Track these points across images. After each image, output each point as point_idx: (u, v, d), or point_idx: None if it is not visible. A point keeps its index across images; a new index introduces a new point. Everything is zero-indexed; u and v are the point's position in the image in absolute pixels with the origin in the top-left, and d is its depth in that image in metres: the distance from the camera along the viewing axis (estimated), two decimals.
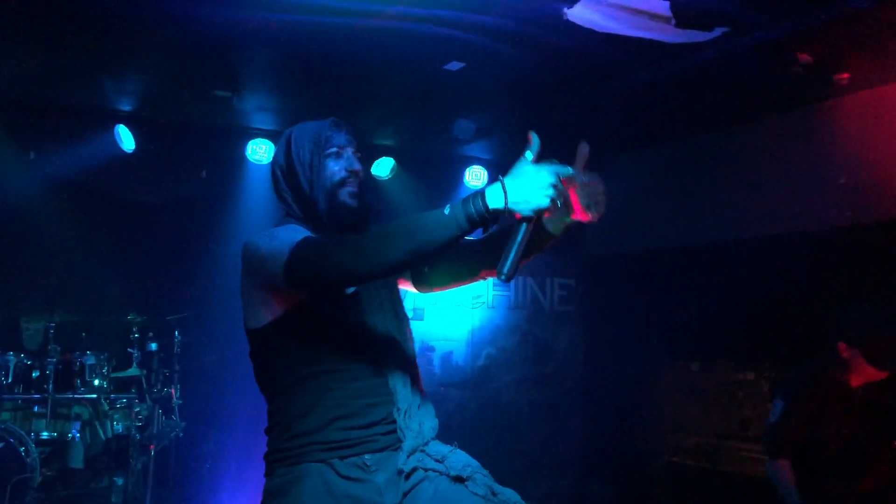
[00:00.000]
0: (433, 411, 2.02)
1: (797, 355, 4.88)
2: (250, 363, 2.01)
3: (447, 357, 5.94)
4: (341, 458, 1.82)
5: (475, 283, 2.03)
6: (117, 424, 5.06)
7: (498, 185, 1.61)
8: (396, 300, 2.04)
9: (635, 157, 6.28)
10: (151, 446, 4.85)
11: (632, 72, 4.49)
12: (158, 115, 5.48)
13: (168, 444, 5.21)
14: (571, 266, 6.40)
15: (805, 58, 3.81)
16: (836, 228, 4.74)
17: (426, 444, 1.93)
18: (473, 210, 1.60)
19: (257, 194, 5.95)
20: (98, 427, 5.06)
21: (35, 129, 5.24)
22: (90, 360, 4.97)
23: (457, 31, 3.82)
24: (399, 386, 1.90)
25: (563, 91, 4.83)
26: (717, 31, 3.74)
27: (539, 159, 1.66)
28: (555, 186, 1.61)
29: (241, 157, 5.77)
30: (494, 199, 1.60)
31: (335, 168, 1.95)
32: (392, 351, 1.93)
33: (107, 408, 5.05)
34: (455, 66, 4.35)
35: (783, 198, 5.08)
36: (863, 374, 3.00)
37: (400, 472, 1.86)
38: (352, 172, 1.95)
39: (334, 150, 1.96)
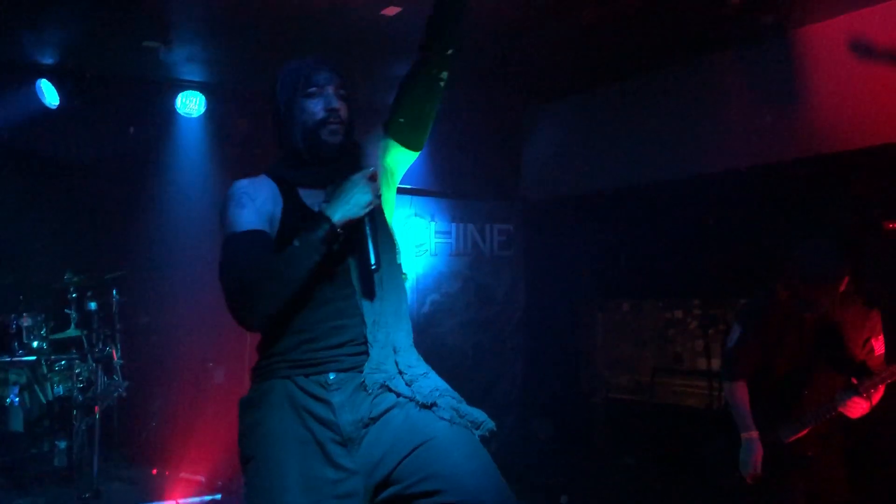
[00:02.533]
0: (408, 327, 2.05)
1: (726, 292, 5.11)
2: (194, 320, 2.04)
3: None
4: (306, 375, 1.90)
5: (437, 79, 2.12)
6: (58, 387, 4.99)
7: (327, 206, 1.89)
8: (379, 220, 2.04)
9: (569, 103, 6.33)
10: (96, 408, 4.79)
11: (565, 15, 4.51)
12: (83, 67, 5.27)
13: (112, 405, 5.16)
14: (510, 212, 6.47)
15: None
16: (762, 166, 4.87)
17: (397, 354, 1.96)
18: (321, 233, 1.84)
19: (190, 148, 5.84)
20: (38, 390, 4.97)
21: None
22: (27, 322, 4.86)
23: None
24: (367, 304, 1.95)
25: (499, 37, 4.82)
26: None
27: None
28: (369, 182, 1.90)
29: (172, 111, 5.64)
30: (332, 213, 1.86)
31: (315, 108, 1.98)
32: (368, 272, 1.96)
33: (46, 370, 4.96)
34: (392, 11, 4.31)
35: (712, 138, 5.20)
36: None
37: (363, 384, 1.90)
38: (331, 111, 1.98)
39: (313, 89, 1.99)
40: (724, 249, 4.94)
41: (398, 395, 1.91)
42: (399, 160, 2.16)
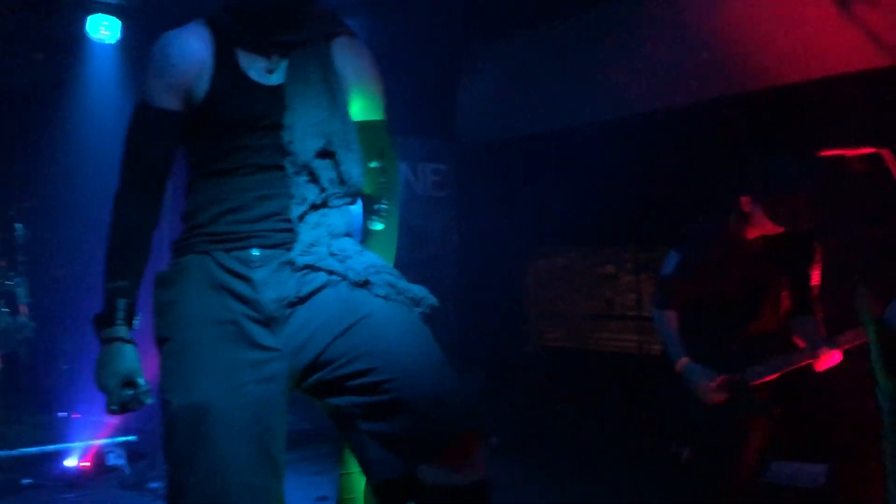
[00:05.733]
0: (349, 212, 1.86)
1: (658, 238, 5.05)
2: (103, 252, 1.83)
3: None
4: (226, 250, 1.72)
5: None
6: None
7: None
8: (333, 100, 1.83)
9: (508, 43, 6.16)
10: None
11: None
12: None
13: (17, 347, 4.86)
14: (443, 152, 6.28)
15: None
16: (698, 103, 4.81)
17: (332, 239, 1.78)
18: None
19: (103, 78, 5.47)
20: None
21: None
22: None
23: None
24: (302, 179, 1.76)
25: None
26: None
27: None
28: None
29: (83, 36, 5.24)
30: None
31: None
32: (307, 150, 1.76)
33: None
34: None
35: (648, 77, 5.09)
36: (760, 229, 3.01)
37: (291, 263, 1.72)
38: None
39: None
40: (655, 192, 4.88)
41: (329, 272, 1.73)
42: None
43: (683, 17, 4.87)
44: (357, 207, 1.93)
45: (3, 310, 4.66)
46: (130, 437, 4.47)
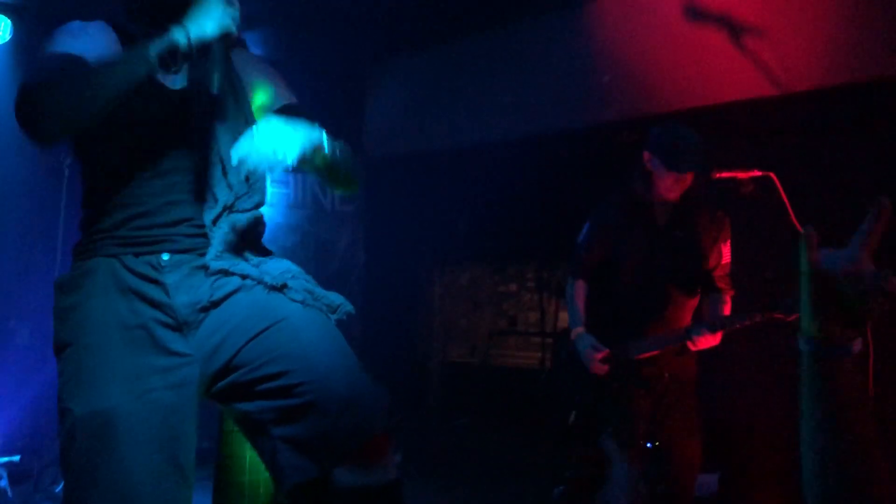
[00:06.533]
0: (260, 217, 1.84)
1: (560, 256, 5.17)
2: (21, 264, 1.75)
3: None
4: (136, 254, 1.67)
5: None
6: None
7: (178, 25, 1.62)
8: (238, 107, 1.81)
9: (414, 59, 6.21)
10: None
11: None
12: None
13: None
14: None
15: None
16: (593, 127, 4.97)
17: (246, 243, 1.76)
18: (161, 47, 1.58)
19: None
20: None
21: None
22: None
23: None
24: (216, 186, 1.72)
25: None
26: None
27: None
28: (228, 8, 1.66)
29: None
30: (177, 34, 1.60)
31: None
32: (215, 154, 1.73)
33: None
34: None
35: (549, 98, 5.23)
36: (663, 187, 3.06)
37: (204, 267, 1.68)
38: None
39: None
40: (558, 211, 4.99)
41: (244, 276, 1.70)
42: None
43: (585, 40, 5.04)
44: (266, 211, 1.91)
45: None
46: (13, 458, 4.20)
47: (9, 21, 5.00)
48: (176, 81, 1.77)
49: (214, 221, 1.72)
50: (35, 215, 4.93)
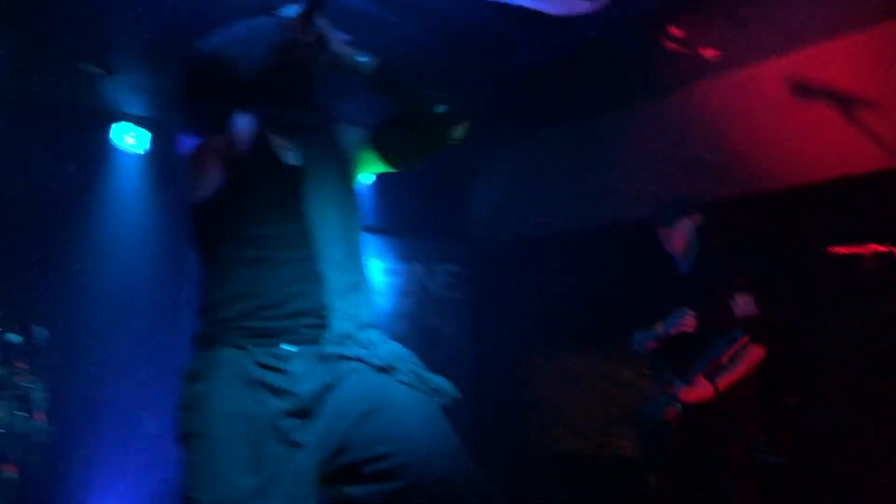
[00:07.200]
0: (370, 300, 1.92)
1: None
2: (127, 365, 1.88)
3: None
4: (262, 345, 1.74)
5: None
6: None
7: None
8: (345, 186, 1.94)
9: (516, 145, 6.32)
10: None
11: (512, 53, 4.51)
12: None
13: (31, 450, 4.77)
14: (458, 252, 6.35)
15: (675, 31, 3.94)
16: (709, 204, 4.88)
17: (360, 329, 1.83)
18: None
19: (128, 189, 5.59)
20: None
21: None
22: None
23: None
24: (332, 272, 1.81)
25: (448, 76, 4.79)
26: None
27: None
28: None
29: (107, 144, 5.38)
30: None
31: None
32: (329, 238, 1.83)
33: None
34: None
35: (653, 182, 5.19)
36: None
37: (323, 355, 1.75)
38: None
39: None
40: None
41: (354, 359, 1.76)
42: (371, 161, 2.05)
43: (688, 118, 5.02)
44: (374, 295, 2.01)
45: (20, 413, 4.59)
46: None
47: (149, 133, 5.42)
48: (292, 158, 1.88)
49: (332, 308, 1.79)
50: (157, 306, 5.23)
